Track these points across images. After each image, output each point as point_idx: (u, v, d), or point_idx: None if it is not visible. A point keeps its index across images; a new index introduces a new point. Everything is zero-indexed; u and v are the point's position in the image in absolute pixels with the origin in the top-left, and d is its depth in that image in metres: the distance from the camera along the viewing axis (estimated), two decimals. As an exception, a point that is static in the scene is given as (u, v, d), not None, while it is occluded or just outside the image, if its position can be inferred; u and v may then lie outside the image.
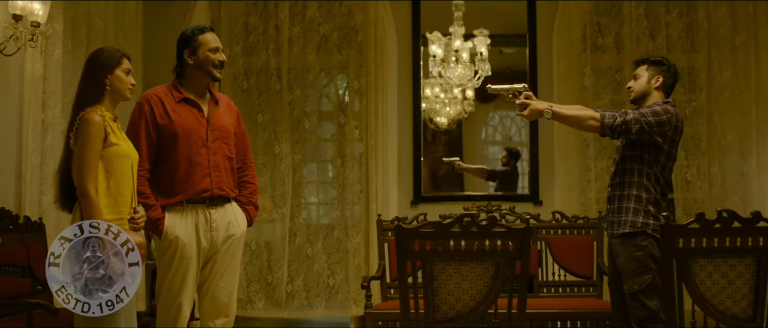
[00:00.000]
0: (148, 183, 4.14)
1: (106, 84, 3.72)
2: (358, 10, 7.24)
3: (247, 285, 7.15)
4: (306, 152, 7.23)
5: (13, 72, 5.16)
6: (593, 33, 7.25)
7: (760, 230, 3.46)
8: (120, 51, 3.88)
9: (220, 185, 4.22)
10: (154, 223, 4.13)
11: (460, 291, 3.49)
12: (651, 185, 4.39)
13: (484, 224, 3.44)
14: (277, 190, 7.18)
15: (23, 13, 4.85)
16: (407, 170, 7.37)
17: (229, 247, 4.27)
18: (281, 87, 7.19)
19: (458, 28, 7.01)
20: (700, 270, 3.47)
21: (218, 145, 4.25)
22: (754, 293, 3.48)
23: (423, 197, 7.37)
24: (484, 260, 3.47)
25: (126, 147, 3.81)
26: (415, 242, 3.46)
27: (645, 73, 4.59)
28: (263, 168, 7.23)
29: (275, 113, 7.22)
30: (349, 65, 7.25)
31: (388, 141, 7.23)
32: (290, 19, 7.19)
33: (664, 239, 3.44)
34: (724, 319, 3.49)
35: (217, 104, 4.34)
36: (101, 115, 3.68)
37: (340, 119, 7.26)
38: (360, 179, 7.18)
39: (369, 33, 7.22)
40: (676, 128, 4.44)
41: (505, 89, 4.55)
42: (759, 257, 3.46)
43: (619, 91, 7.19)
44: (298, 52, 7.21)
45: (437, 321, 3.51)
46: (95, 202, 3.60)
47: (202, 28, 4.30)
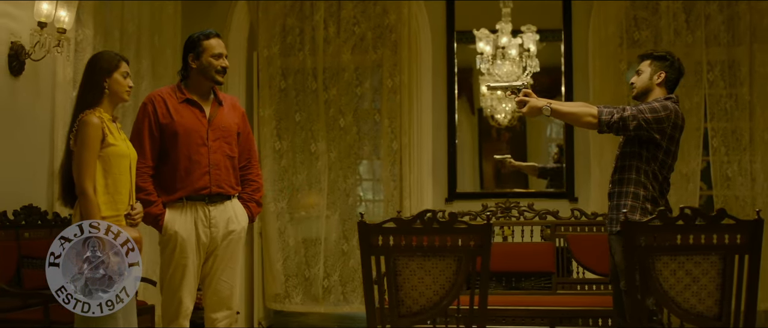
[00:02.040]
0: (150, 180, 4.35)
1: (104, 88, 3.94)
2: (393, 9, 7.33)
3: (285, 280, 7.34)
4: (341, 150, 7.36)
5: (44, 76, 5.46)
6: (630, 27, 7.13)
7: (725, 227, 3.41)
8: (118, 55, 4.09)
9: (219, 183, 4.39)
10: (154, 218, 4.33)
11: (423, 286, 3.56)
12: (649, 182, 4.35)
13: (445, 221, 3.50)
14: (313, 187, 7.35)
15: (48, 20, 5.13)
16: (442, 166, 7.43)
17: (229, 243, 4.44)
18: (317, 86, 7.35)
19: (505, 25, 7.02)
20: (663, 267, 3.43)
21: (219, 145, 4.42)
22: (720, 290, 3.43)
23: (458, 194, 7.42)
24: (446, 256, 3.53)
25: (124, 147, 4.02)
26: (379, 238, 3.55)
27: (648, 69, 4.54)
28: (300, 166, 7.41)
29: (311, 112, 7.38)
30: (383, 64, 7.35)
31: (423, 138, 7.30)
32: (325, 19, 7.33)
33: (626, 236, 3.43)
34: (689, 317, 3.45)
35: (221, 105, 4.51)
36: (99, 117, 3.90)
37: (375, 117, 7.37)
38: (394, 176, 7.27)
39: (403, 32, 7.30)
40: (675, 125, 4.38)
41: (504, 87, 4.59)
42: (724, 254, 3.40)
43: (658, 86, 7.07)
44: (333, 52, 7.35)
45: (402, 315, 3.59)
46: (92, 200, 3.82)
47: (208, 33, 4.47)
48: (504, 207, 6.01)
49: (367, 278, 3.58)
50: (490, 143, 7.73)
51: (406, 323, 3.58)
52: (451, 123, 7.45)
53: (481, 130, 7.66)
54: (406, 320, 3.58)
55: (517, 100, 4.49)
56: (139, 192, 4.24)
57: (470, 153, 7.91)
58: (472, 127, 7.70)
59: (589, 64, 7.24)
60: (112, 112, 4.08)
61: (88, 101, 3.95)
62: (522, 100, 4.46)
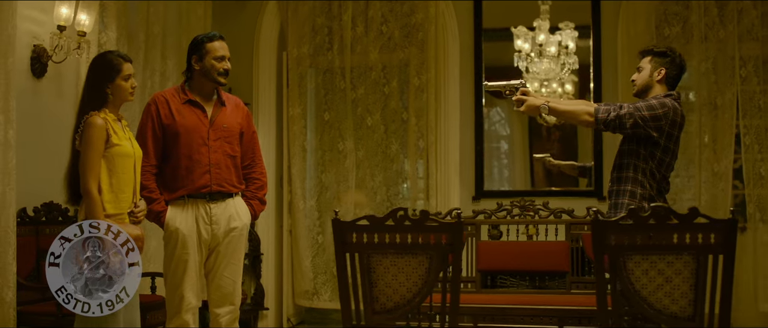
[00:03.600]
0: (154, 178, 4.49)
1: (107, 93, 4.10)
2: (420, 8, 7.34)
3: (314, 277, 7.44)
4: (369, 149, 7.41)
5: (68, 77, 5.66)
6: (660, 23, 6.99)
7: (698, 226, 3.34)
8: (121, 56, 4.23)
9: (219, 182, 4.50)
10: (156, 215, 4.48)
11: (396, 283, 3.58)
12: (647, 180, 4.30)
13: (416, 218, 3.53)
14: (341, 186, 7.42)
15: (67, 24, 5.32)
16: (469, 165, 7.42)
17: (231, 239, 4.55)
18: (345, 85, 7.42)
19: (543, 22, 6.98)
20: (635, 267, 3.38)
21: (219, 144, 4.53)
22: (694, 291, 3.36)
23: (485, 192, 7.39)
24: (418, 254, 3.55)
25: (128, 146, 4.16)
26: (353, 236, 3.60)
27: (648, 66, 4.49)
28: (329, 164, 7.50)
29: (340, 111, 7.45)
30: (410, 62, 7.38)
31: (450, 137, 7.30)
32: (354, 18, 7.39)
33: (595, 234, 3.39)
34: (662, 318, 3.39)
35: (224, 106, 4.62)
36: (104, 118, 4.05)
37: (403, 116, 7.41)
38: (421, 174, 7.30)
39: (430, 30, 7.32)
40: (673, 122, 4.32)
41: (502, 86, 4.58)
42: (697, 254, 3.34)
43: (689, 82, 6.94)
44: (361, 51, 7.41)
45: (376, 312, 3.62)
46: (96, 199, 3.97)
47: (211, 35, 4.59)
48: (520, 206, 5.97)
49: (341, 275, 3.62)
50: (540, 142, 7.69)
51: (380, 320, 3.61)
52: (479, 121, 7.43)
53: (531, 129, 7.62)
54: (381, 317, 3.62)
55: (514, 99, 4.48)
56: (142, 190, 4.39)
57: (521, 151, 7.90)
58: (523, 126, 7.66)
59: (618, 60, 7.14)
60: (118, 112, 4.23)
61: (93, 103, 4.11)
62: (520, 98, 4.46)
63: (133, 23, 6.24)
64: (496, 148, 8.81)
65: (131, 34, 6.20)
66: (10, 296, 4.80)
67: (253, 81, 7.60)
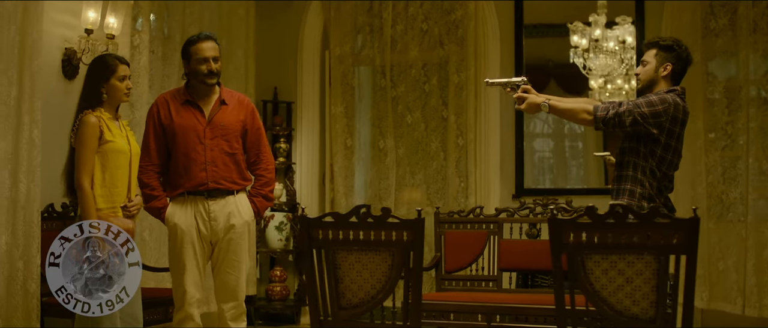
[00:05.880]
0: (155, 176, 4.64)
1: (102, 93, 4.29)
2: (460, 5, 7.31)
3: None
4: (409, 146, 7.43)
5: (101, 78, 5.89)
6: (705, 15, 6.76)
7: (659, 226, 3.23)
8: (117, 58, 4.42)
9: (216, 179, 4.60)
10: (157, 211, 4.63)
11: (361, 280, 3.60)
12: (646, 179, 4.18)
13: (378, 216, 3.54)
14: (381, 183, 7.47)
15: (94, 27, 5.54)
16: (510, 163, 7.34)
17: (231, 236, 4.63)
18: (386, 83, 7.46)
19: (600, 17, 6.86)
20: (594, 267, 3.30)
21: (216, 142, 4.62)
22: (656, 292, 3.25)
23: (525, 190, 7.30)
24: (381, 250, 3.56)
25: (122, 144, 4.34)
26: (319, 232, 3.64)
27: (653, 60, 4.36)
28: (370, 162, 7.56)
29: (380, 109, 7.50)
30: (449, 60, 7.36)
31: (490, 134, 7.25)
32: (393, 17, 7.43)
33: (552, 232, 3.32)
34: (623, 319, 3.29)
35: (225, 104, 4.72)
36: (98, 116, 4.25)
37: (443, 113, 7.39)
38: (460, 172, 7.27)
39: (469, 27, 7.28)
40: (674, 119, 4.19)
41: (503, 83, 4.54)
42: (658, 254, 3.23)
43: (737, 76, 6.68)
44: (401, 49, 7.44)
45: (342, 308, 3.65)
46: (88, 193, 4.16)
47: (196, 38, 4.66)
48: (543, 204, 5.88)
49: (309, 271, 3.67)
50: (613, 140, 7.52)
51: (345, 316, 3.64)
52: (520, 118, 7.34)
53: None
54: (346, 313, 3.65)
55: (515, 97, 4.42)
56: (144, 188, 4.57)
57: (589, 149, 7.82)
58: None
59: (663, 55, 6.90)
60: (115, 112, 4.41)
61: (88, 103, 4.30)
62: (520, 96, 4.40)
63: (168, 25, 6.43)
64: (573, 147, 8.73)
65: (167, 35, 6.38)
66: (34, 287, 5.03)
67: (296, 80, 7.72)
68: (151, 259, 5.97)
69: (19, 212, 4.92)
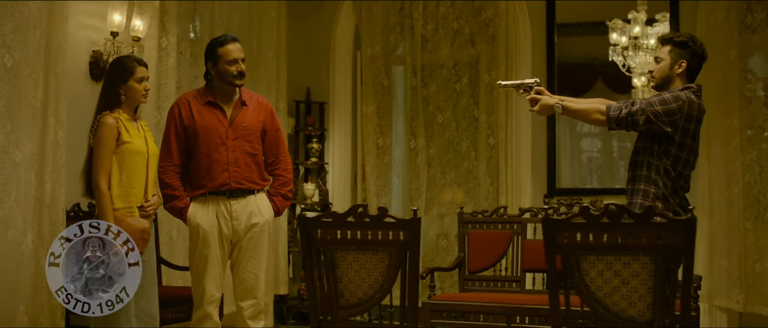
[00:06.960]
0: (177, 177, 4.71)
1: (120, 94, 4.37)
2: (490, 4, 7.26)
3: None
4: (440, 146, 7.40)
5: (124, 81, 5.99)
6: (741, 11, 6.58)
7: (655, 226, 3.15)
8: (136, 60, 4.48)
9: (238, 179, 4.66)
10: (179, 211, 4.70)
11: (359, 279, 3.60)
12: (660, 178, 4.09)
13: (374, 216, 3.53)
14: (412, 183, 7.45)
15: (119, 30, 5.64)
16: (542, 163, 7.25)
17: (252, 235, 4.69)
18: (417, 83, 7.45)
19: (639, 15, 6.76)
20: (589, 267, 3.23)
21: (238, 143, 4.68)
22: (653, 294, 3.17)
23: (557, 190, 7.21)
24: (378, 250, 3.55)
25: (140, 144, 4.41)
26: (318, 231, 3.65)
27: (668, 57, 4.26)
28: (401, 162, 7.55)
29: (412, 109, 7.49)
30: (480, 59, 7.31)
31: (521, 134, 7.18)
32: (424, 16, 7.41)
33: (546, 233, 3.27)
34: (619, 321, 3.22)
35: (245, 105, 4.77)
36: (116, 118, 4.32)
37: (474, 113, 7.34)
38: (491, 171, 7.21)
39: (500, 26, 7.23)
40: (689, 116, 4.08)
41: (516, 85, 4.48)
42: (655, 255, 3.15)
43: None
44: (432, 49, 7.42)
45: (341, 307, 3.65)
46: (105, 193, 4.24)
47: (223, 39, 4.74)
48: (567, 204, 5.80)
49: (308, 270, 3.68)
50: None
51: (344, 315, 3.64)
52: (551, 118, 7.25)
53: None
54: (345, 312, 3.65)
55: (529, 98, 4.37)
56: (166, 188, 4.65)
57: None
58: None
59: (697, 52, 6.74)
60: (133, 113, 4.49)
61: (107, 104, 4.38)
62: (534, 97, 4.35)
63: (199, 27, 6.50)
64: (621, 148, 8.58)
65: (197, 36, 6.45)
66: (59, 284, 5.15)
67: (329, 80, 7.75)
68: (180, 258, 6.03)
69: (44, 212, 5.02)
